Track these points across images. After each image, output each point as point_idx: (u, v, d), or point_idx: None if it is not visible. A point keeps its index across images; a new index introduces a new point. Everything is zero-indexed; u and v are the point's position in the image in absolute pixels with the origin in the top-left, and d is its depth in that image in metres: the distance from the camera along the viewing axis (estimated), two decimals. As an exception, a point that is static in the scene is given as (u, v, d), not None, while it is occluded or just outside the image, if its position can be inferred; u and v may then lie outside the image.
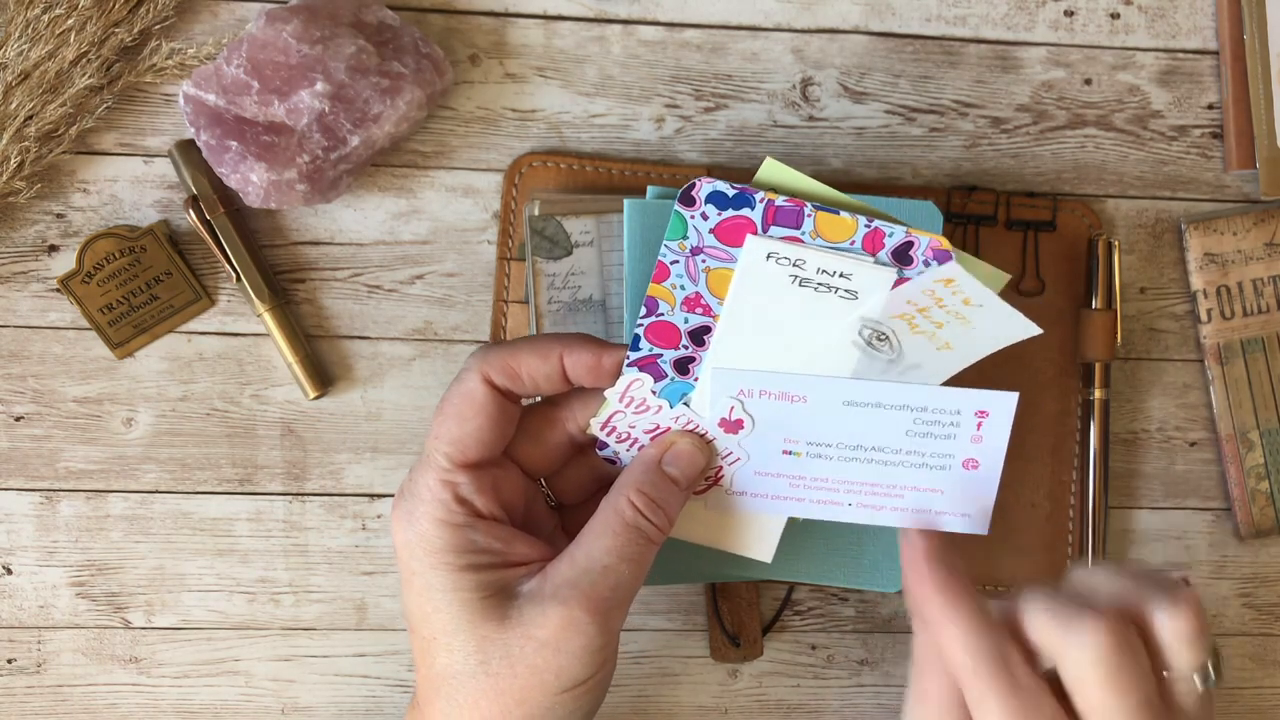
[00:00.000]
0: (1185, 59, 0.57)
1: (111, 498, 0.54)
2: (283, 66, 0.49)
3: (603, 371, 0.42)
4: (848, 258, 0.41)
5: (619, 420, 0.44)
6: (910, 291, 0.41)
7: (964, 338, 0.42)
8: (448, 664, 0.41)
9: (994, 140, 0.56)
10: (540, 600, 0.40)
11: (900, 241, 0.41)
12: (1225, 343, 0.56)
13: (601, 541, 0.41)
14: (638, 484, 0.42)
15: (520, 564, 0.41)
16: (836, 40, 0.55)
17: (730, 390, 0.43)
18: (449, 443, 0.41)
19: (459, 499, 0.41)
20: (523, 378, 0.42)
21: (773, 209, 0.41)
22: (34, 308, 0.53)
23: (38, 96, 0.50)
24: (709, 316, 0.43)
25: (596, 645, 0.40)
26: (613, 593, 0.40)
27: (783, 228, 0.41)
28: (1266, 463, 0.57)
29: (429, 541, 0.41)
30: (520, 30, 0.54)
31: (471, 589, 0.40)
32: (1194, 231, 0.56)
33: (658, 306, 0.43)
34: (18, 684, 0.54)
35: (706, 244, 0.42)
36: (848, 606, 0.57)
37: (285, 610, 0.54)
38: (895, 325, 0.42)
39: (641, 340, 0.43)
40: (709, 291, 0.42)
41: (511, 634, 0.40)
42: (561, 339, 0.42)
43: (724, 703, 0.56)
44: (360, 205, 0.54)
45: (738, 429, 0.44)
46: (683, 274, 0.42)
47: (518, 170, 0.54)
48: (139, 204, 0.53)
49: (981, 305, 0.41)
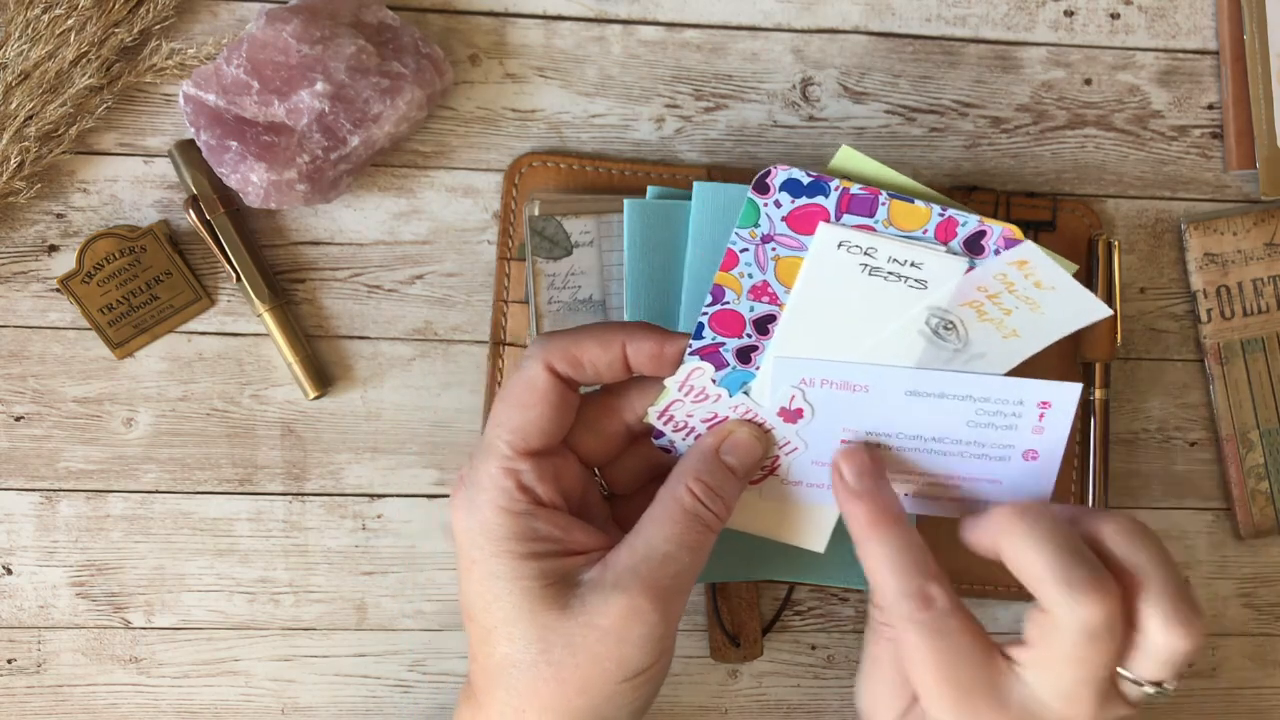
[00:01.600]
0: (1185, 59, 0.57)
1: (111, 498, 0.54)
2: (283, 66, 0.49)
3: (664, 360, 0.42)
4: (920, 247, 0.41)
5: (677, 409, 0.44)
6: (981, 276, 0.41)
7: (1032, 324, 0.42)
8: (508, 653, 0.41)
9: (994, 140, 0.56)
10: (602, 589, 0.40)
11: (973, 231, 0.40)
12: (1225, 343, 0.57)
13: (662, 529, 0.41)
14: (696, 472, 0.42)
15: (580, 553, 0.42)
16: (836, 40, 0.55)
17: (792, 379, 0.43)
18: (511, 430, 0.41)
19: (521, 487, 0.41)
20: (585, 366, 0.42)
21: (847, 197, 0.40)
22: (34, 308, 0.53)
23: (38, 96, 0.50)
24: (775, 305, 0.42)
25: (658, 634, 0.40)
26: (674, 580, 0.40)
27: (856, 216, 0.41)
28: (1266, 463, 0.57)
29: (491, 529, 0.41)
30: (520, 30, 0.54)
31: (533, 577, 0.40)
32: (1194, 231, 0.56)
33: (724, 295, 0.42)
34: (18, 684, 0.54)
35: (778, 232, 0.41)
36: (848, 606, 0.57)
37: (285, 610, 0.54)
38: (963, 314, 0.42)
39: (705, 329, 0.43)
40: (776, 280, 0.42)
41: (574, 622, 0.40)
42: (624, 327, 0.42)
43: (724, 703, 0.56)
44: (360, 205, 0.54)
45: (797, 418, 0.43)
46: (751, 262, 0.42)
47: (518, 170, 0.54)
48: (139, 204, 0.53)
49: (1054, 287, 0.41)
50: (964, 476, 0.44)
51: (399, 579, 0.55)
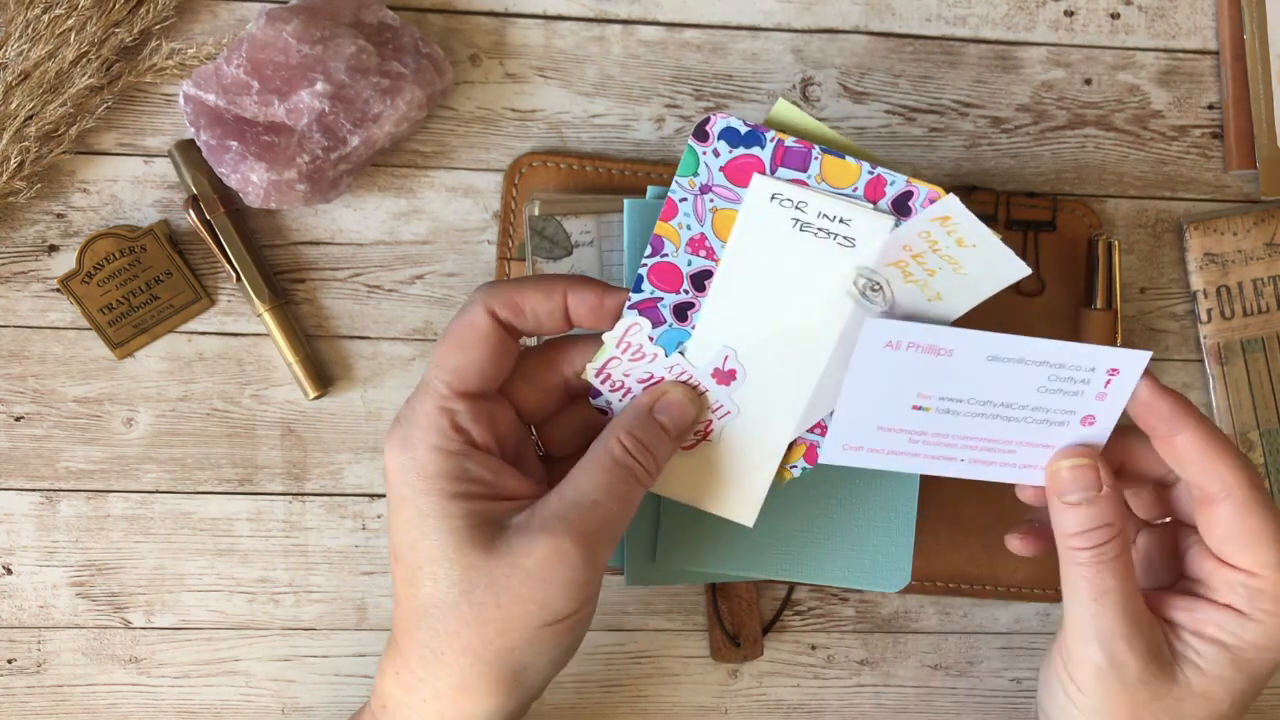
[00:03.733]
0: (1185, 59, 0.57)
1: (111, 498, 0.54)
2: (283, 66, 0.49)
3: (604, 312, 0.43)
4: (848, 203, 0.41)
5: (614, 368, 0.44)
6: (905, 234, 0.41)
7: (956, 285, 0.42)
8: (431, 593, 0.41)
9: (994, 140, 0.56)
10: (529, 531, 0.40)
11: (901, 190, 0.41)
12: (1225, 343, 0.56)
13: (591, 477, 0.41)
14: (629, 427, 0.42)
15: (510, 498, 0.42)
16: (836, 40, 0.55)
17: (725, 338, 0.43)
18: (449, 370, 0.42)
19: (455, 426, 0.41)
20: (526, 313, 0.42)
21: (781, 149, 0.41)
22: (34, 308, 0.53)
23: (38, 96, 0.50)
24: (712, 260, 0.42)
25: (582, 579, 0.40)
26: (600, 527, 0.41)
27: (790, 169, 0.41)
28: (1266, 463, 0.57)
29: (423, 466, 0.41)
30: (520, 30, 0.54)
31: (461, 517, 0.40)
32: (1194, 231, 0.56)
33: (663, 246, 0.42)
34: (18, 684, 0.54)
35: (716, 182, 0.41)
36: (848, 606, 0.57)
37: (285, 610, 0.54)
38: (889, 274, 0.42)
39: (644, 281, 0.43)
40: (713, 233, 0.42)
41: (498, 563, 0.40)
42: (566, 278, 0.43)
43: (724, 703, 0.56)
44: (360, 205, 0.54)
45: (730, 380, 0.44)
46: (690, 213, 0.42)
47: (518, 170, 0.54)
48: (139, 204, 0.53)
49: (975, 245, 0.41)
50: (1021, 441, 0.44)
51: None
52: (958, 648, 0.57)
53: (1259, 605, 0.41)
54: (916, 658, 0.57)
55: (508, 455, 0.43)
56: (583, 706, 0.56)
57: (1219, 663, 0.41)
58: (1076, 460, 0.42)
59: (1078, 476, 0.42)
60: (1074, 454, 0.42)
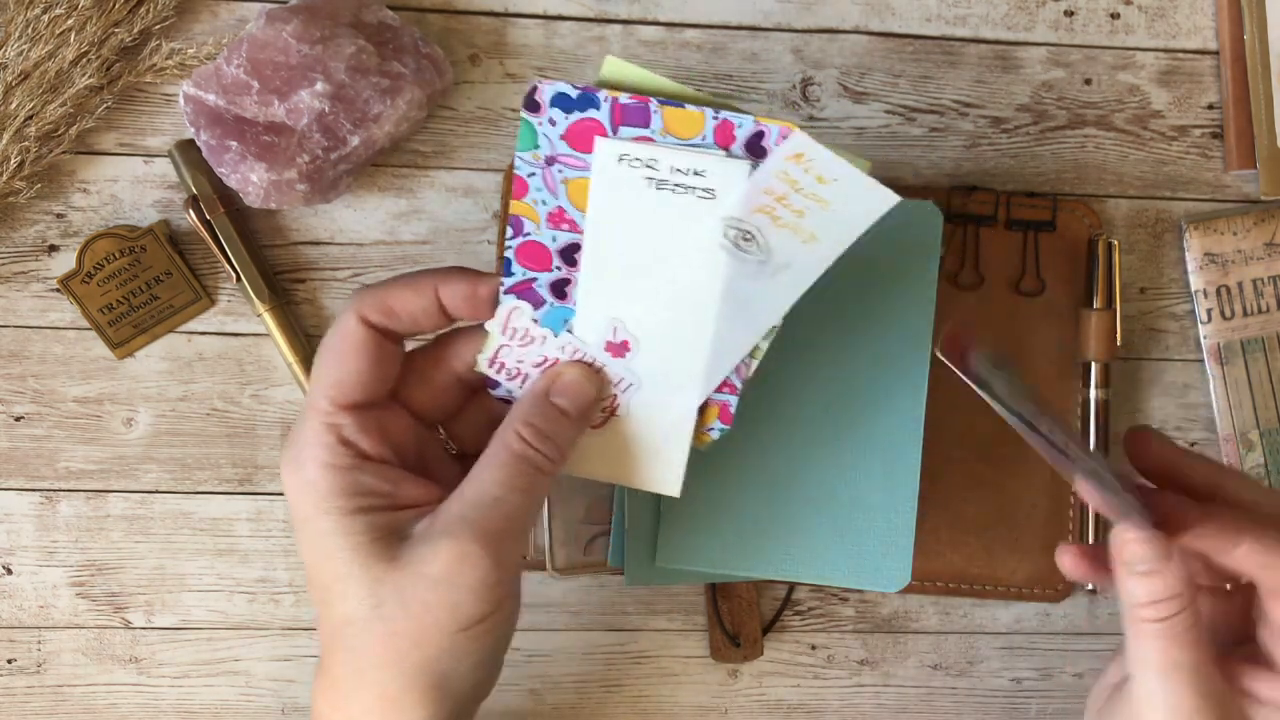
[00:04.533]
0: (1185, 59, 0.57)
1: (111, 498, 0.54)
2: (283, 66, 0.49)
3: (479, 301, 0.41)
4: (700, 154, 0.39)
5: (506, 355, 0.43)
6: (763, 178, 0.39)
7: (826, 224, 0.40)
8: (344, 610, 0.40)
9: (994, 140, 0.56)
10: (431, 537, 0.39)
11: (751, 132, 0.39)
12: (1225, 343, 0.56)
13: (490, 474, 0.40)
14: (526, 416, 0.41)
15: (411, 506, 0.41)
16: (836, 40, 0.55)
17: (608, 310, 0.42)
18: (329, 385, 0.40)
19: (343, 441, 0.40)
20: (399, 314, 0.41)
21: (619, 108, 0.39)
22: (34, 308, 0.53)
23: (38, 96, 0.50)
24: (576, 232, 0.41)
25: (492, 579, 0.39)
26: (505, 523, 0.39)
27: (632, 127, 0.39)
28: (1266, 463, 0.57)
29: (315, 486, 0.40)
30: (520, 30, 0.54)
31: (362, 532, 0.39)
32: (1194, 231, 0.56)
33: (523, 226, 0.41)
34: (18, 684, 0.54)
35: (560, 152, 0.40)
36: (848, 606, 0.57)
37: (285, 610, 0.54)
38: (758, 221, 0.40)
39: (514, 264, 0.41)
40: (571, 205, 0.40)
41: (403, 573, 0.39)
42: (436, 272, 0.41)
43: (724, 703, 0.56)
44: (360, 205, 0.54)
45: (624, 351, 0.42)
46: (541, 187, 0.40)
47: (518, 170, 0.54)
48: (139, 204, 0.53)
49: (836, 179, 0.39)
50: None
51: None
52: (958, 648, 0.57)
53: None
54: (916, 658, 0.57)
55: (407, 461, 0.42)
56: (583, 706, 0.56)
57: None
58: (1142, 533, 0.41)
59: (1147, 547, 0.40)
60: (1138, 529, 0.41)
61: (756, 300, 0.41)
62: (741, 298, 0.41)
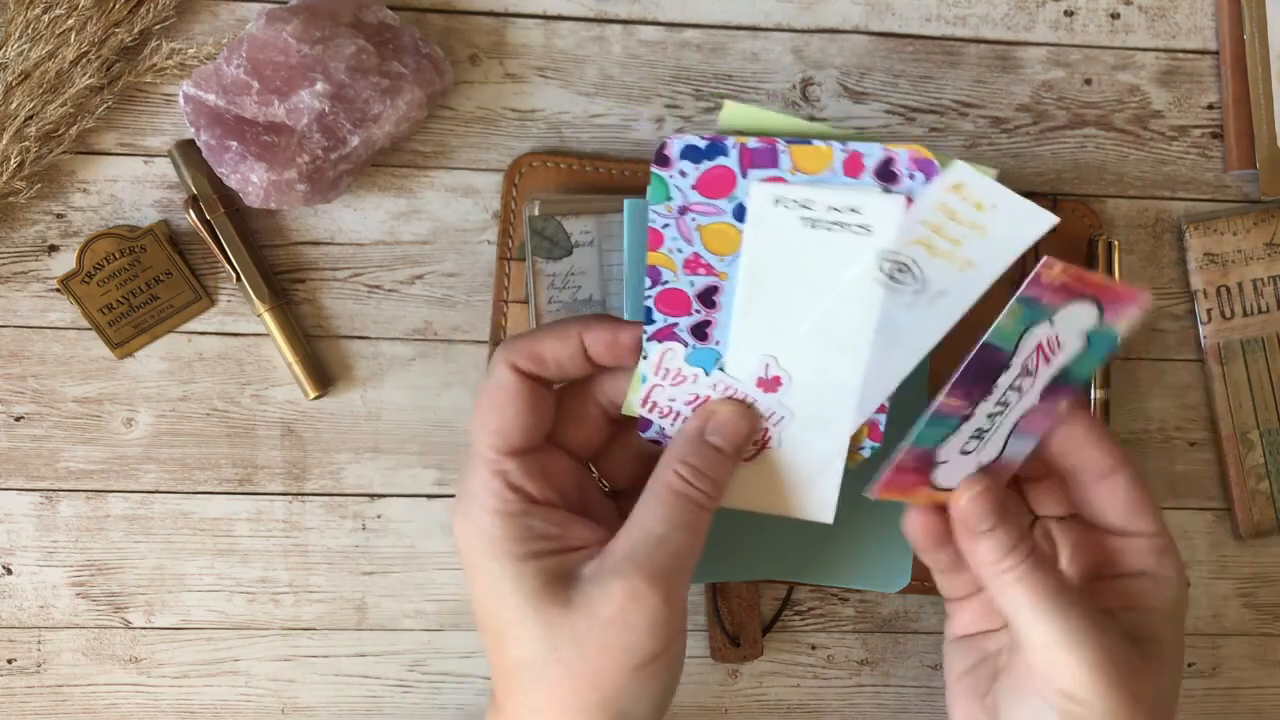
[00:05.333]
0: (1185, 59, 0.57)
1: (111, 498, 0.54)
2: (283, 66, 0.49)
3: (621, 348, 0.43)
4: (856, 191, 0.40)
5: (659, 395, 0.44)
6: (923, 210, 0.40)
7: (983, 250, 0.41)
8: (519, 655, 0.41)
9: (994, 140, 0.56)
10: (601, 579, 0.40)
11: (880, 160, 0.40)
12: (1225, 343, 0.57)
13: (653, 512, 0.41)
14: (682, 455, 0.42)
15: (579, 548, 0.42)
16: (836, 40, 0.55)
17: (762, 347, 0.43)
18: (491, 433, 0.42)
19: (511, 487, 0.41)
20: (547, 361, 0.42)
21: (747, 152, 0.40)
22: (34, 308, 0.53)
23: (38, 96, 0.50)
24: (713, 275, 0.42)
25: (663, 616, 0.40)
26: (671, 560, 0.40)
27: (761, 169, 0.40)
28: (1266, 463, 0.57)
29: (488, 533, 0.41)
30: (520, 30, 0.54)
31: (534, 576, 0.40)
32: (1194, 231, 0.56)
33: (660, 275, 0.42)
34: (18, 684, 0.54)
35: (692, 201, 0.41)
36: (848, 606, 0.57)
37: (285, 610, 0.54)
38: (914, 253, 0.41)
39: (654, 313, 0.43)
40: (706, 250, 0.42)
41: (577, 616, 0.40)
42: (581, 320, 0.43)
43: (724, 703, 0.56)
44: (360, 205, 0.54)
45: (776, 386, 0.43)
46: (676, 236, 0.41)
47: (518, 170, 0.54)
48: (139, 204, 0.53)
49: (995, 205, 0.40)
50: None
51: (399, 579, 0.55)
52: (958, 648, 0.57)
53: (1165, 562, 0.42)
54: (916, 658, 0.57)
55: (570, 503, 0.43)
56: (583, 706, 0.56)
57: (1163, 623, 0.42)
58: (974, 489, 0.42)
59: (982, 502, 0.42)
60: (970, 484, 0.42)
61: (911, 328, 0.42)
62: (895, 327, 0.42)
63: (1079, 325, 0.41)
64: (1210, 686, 0.58)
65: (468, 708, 0.56)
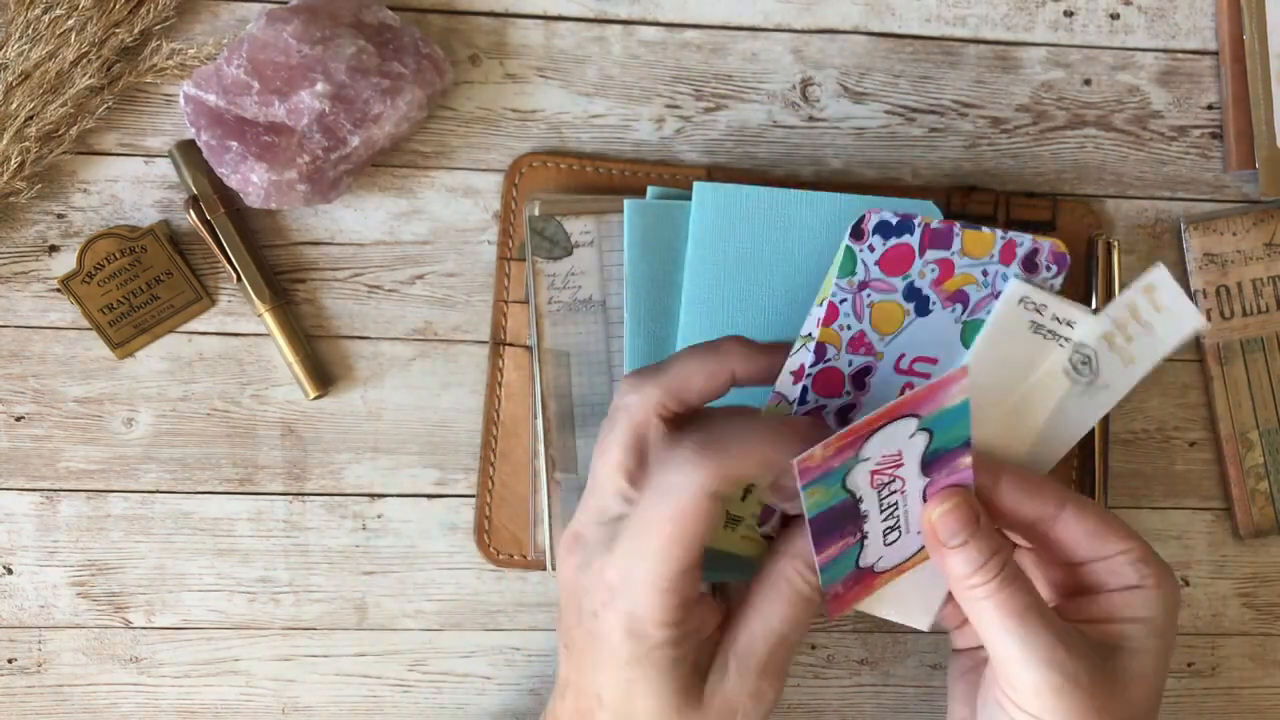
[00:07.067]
0: (1185, 59, 0.57)
1: (112, 498, 0.54)
2: (283, 67, 0.49)
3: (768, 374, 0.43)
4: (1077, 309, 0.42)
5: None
6: (1115, 307, 0.42)
7: (1147, 347, 0.43)
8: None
9: (994, 140, 0.56)
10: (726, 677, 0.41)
11: (1028, 250, 0.42)
12: (1225, 343, 0.57)
13: (775, 609, 0.42)
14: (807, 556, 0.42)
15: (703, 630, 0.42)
16: (836, 40, 0.55)
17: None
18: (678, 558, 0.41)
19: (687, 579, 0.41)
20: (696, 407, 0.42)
21: (929, 232, 0.42)
22: (34, 308, 0.53)
23: (38, 97, 0.50)
24: (871, 355, 0.43)
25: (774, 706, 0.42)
26: (786, 655, 0.42)
27: (937, 250, 0.42)
28: (1266, 463, 0.57)
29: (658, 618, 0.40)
30: (520, 30, 0.54)
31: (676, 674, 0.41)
32: (1194, 231, 0.56)
33: (825, 351, 0.42)
34: (18, 684, 0.54)
35: (873, 277, 0.42)
36: (848, 606, 0.57)
37: (285, 610, 0.54)
38: (1098, 345, 0.43)
39: (809, 392, 0.42)
40: (872, 328, 0.42)
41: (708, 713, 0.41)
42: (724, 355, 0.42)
43: (724, 702, 0.56)
44: (360, 205, 0.54)
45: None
46: (850, 313, 0.42)
47: (518, 170, 0.54)
48: (139, 204, 0.53)
49: (1169, 306, 0.42)
50: None
51: (399, 579, 0.55)
52: (958, 647, 0.57)
53: (1145, 572, 0.42)
54: (916, 657, 0.57)
55: None
56: (583, 706, 0.56)
57: (1143, 637, 0.42)
58: (945, 504, 0.41)
59: (954, 518, 0.41)
60: (941, 499, 0.42)
61: (1075, 419, 0.44)
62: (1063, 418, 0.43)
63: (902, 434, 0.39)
64: (1210, 686, 0.58)
65: (468, 708, 0.56)
